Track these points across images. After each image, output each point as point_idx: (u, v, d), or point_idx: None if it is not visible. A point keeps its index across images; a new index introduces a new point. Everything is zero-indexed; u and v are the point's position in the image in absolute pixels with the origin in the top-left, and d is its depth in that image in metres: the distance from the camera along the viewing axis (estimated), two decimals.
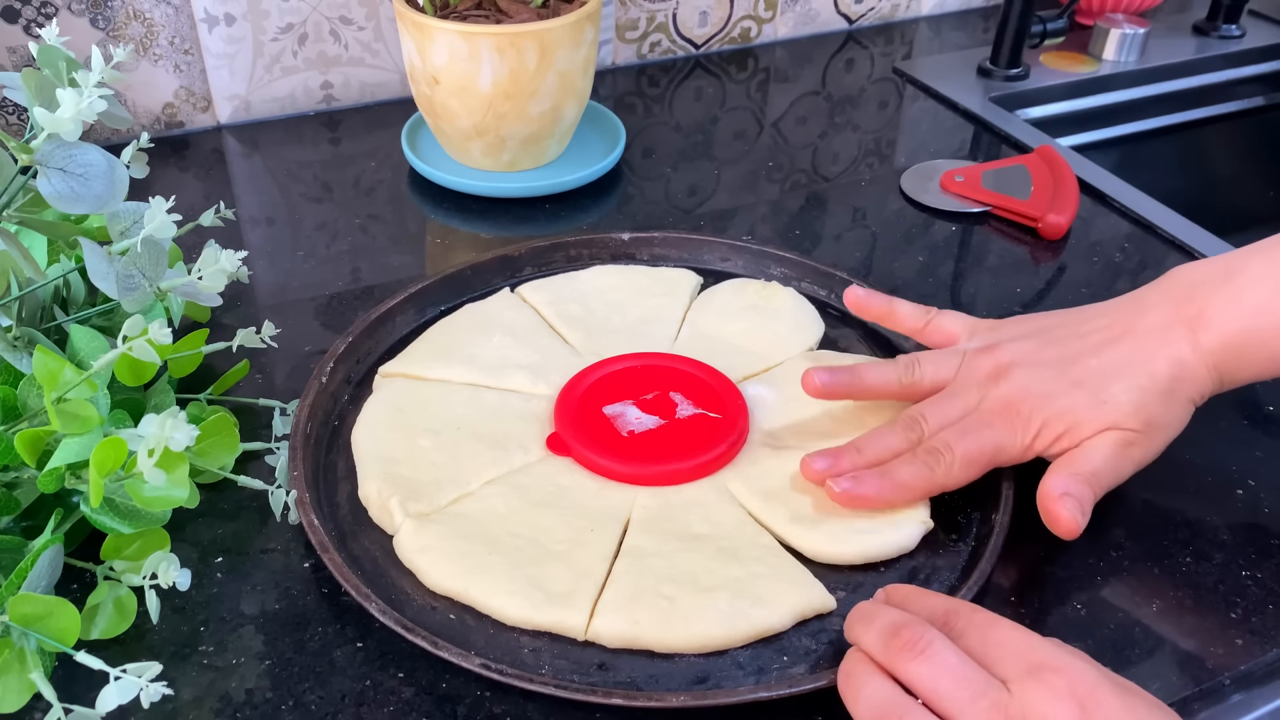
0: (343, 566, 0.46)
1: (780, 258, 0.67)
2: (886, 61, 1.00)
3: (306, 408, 0.53)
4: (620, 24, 0.95)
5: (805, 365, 0.56)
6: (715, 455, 0.53)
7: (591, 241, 0.68)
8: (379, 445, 0.53)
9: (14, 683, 0.41)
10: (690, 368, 0.58)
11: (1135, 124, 1.02)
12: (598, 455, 0.52)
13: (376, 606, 0.44)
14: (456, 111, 0.73)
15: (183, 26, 0.79)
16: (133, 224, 0.49)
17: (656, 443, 0.54)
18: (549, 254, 0.67)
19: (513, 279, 0.66)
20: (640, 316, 0.63)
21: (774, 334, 0.62)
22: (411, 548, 0.48)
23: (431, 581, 0.47)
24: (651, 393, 0.56)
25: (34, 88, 0.47)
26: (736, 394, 0.56)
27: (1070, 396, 0.49)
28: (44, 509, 0.47)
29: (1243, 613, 0.48)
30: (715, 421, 0.55)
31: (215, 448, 0.48)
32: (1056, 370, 0.50)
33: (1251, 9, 1.09)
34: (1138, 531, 0.51)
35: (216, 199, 0.74)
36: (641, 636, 0.45)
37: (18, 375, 0.47)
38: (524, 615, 0.45)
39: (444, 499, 0.51)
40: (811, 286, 0.66)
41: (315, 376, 0.55)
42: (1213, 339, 0.49)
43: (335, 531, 0.50)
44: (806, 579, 0.47)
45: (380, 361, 0.59)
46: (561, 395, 0.56)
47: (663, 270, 0.66)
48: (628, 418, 0.55)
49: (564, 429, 0.54)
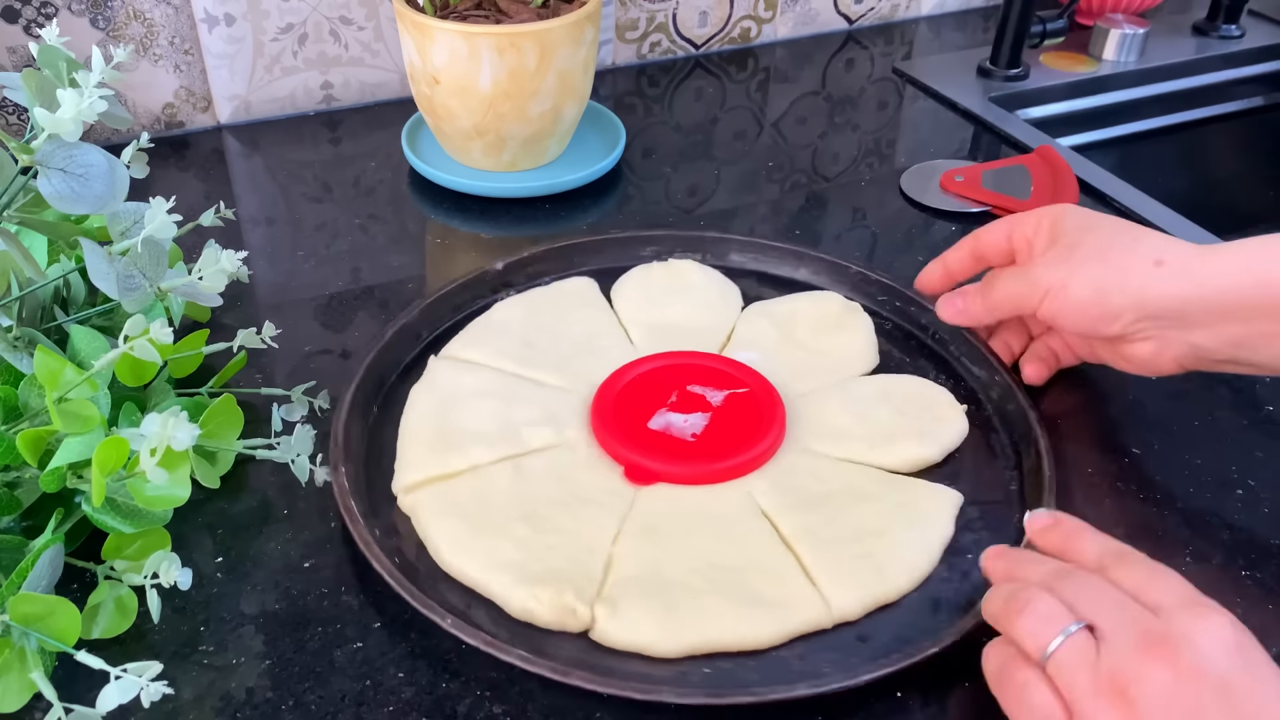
0: (365, 533, 0.47)
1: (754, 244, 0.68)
2: (886, 61, 1.00)
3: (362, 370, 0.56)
4: (620, 24, 0.95)
5: (750, 321, 0.62)
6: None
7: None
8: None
9: (14, 682, 0.41)
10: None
11: (1135, 124, 1.02)
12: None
13: (400, 583, 0.45)
14: (456, 111, 0.73)
15: (183, 26, 0.79)
16: (133, 224, 0.49)
17: (706, 441, 0.54)
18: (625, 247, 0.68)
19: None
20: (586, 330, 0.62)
21: (706, 305, 0.63)
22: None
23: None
24: (672, 393, 0.56)
25: (34, 88, 0.47)
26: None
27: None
28: (45, 508, 0.47)
29: (1243, 613, 0.47)
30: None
31: (221, 428, 0.49)
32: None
33: (1251, 9, 1.09)
34: (1138, 531, 0.51)
35: (216, 199, 0.74)
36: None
37: (18, 375, 0.47)
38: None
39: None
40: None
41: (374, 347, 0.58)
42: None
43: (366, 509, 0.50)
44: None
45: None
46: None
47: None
48: (674, 424, 0.54)
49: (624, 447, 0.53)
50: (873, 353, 0.61)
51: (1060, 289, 0.51)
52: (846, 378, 0.59)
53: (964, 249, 0.58)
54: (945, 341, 0.62)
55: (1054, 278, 0.52)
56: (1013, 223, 0.55)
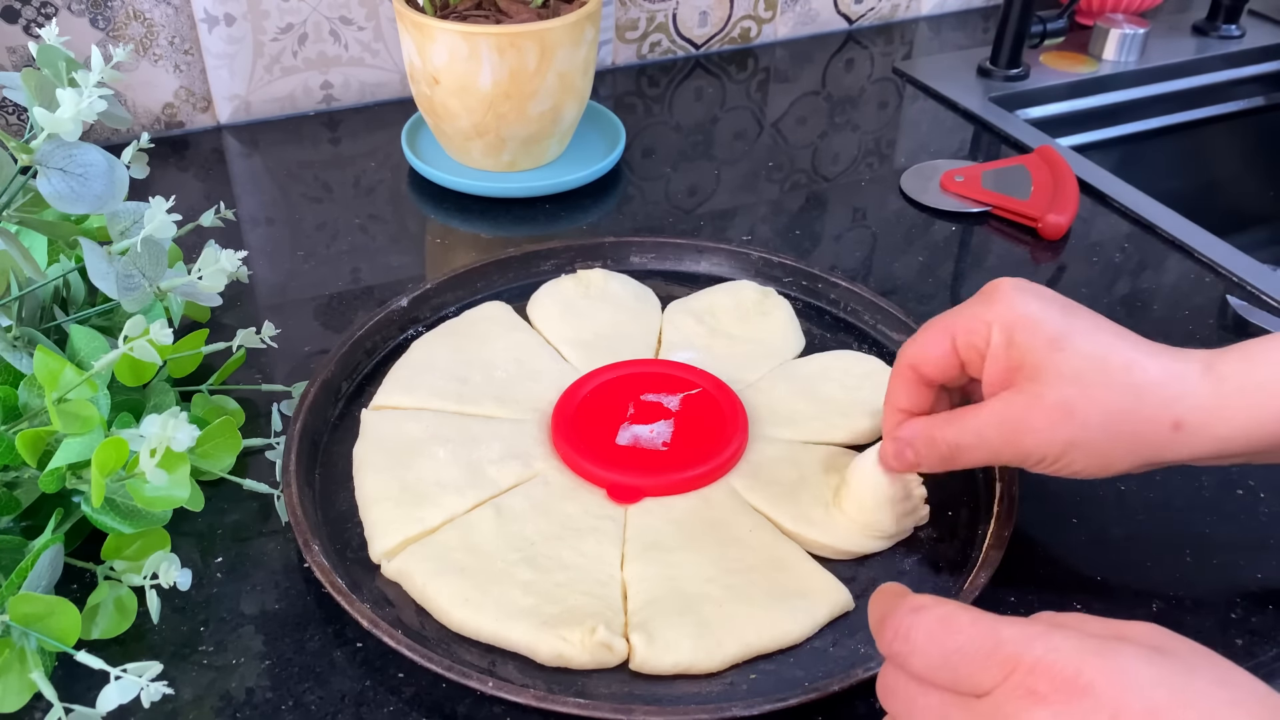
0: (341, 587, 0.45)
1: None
2: (886, 61, 1.00)
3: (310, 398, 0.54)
4: (620, 24, 0.95)
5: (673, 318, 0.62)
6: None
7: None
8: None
9: (14, 682, 0.41)
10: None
11: (1135, 124, 1.02)
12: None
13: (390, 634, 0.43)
14: (456, 111, 0.73)
15: (183, 26, 0.79)
16: (133, 224, 0.49)
17: (666, 450, 0.53)
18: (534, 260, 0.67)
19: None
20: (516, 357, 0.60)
21: (627, 311, 0.63)
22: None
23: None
24: (629, 406, 0.55)
25: (34, 88, 0.47)
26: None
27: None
28: (44, 509, 0.47)
29: (1243, 613, 0.48)
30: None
31: (218, 449, 0.48)
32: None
33: (1251, 9, 1.09)
34: (1138, 532, 0.51)
35: (216, 199, 0.74)
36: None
37: (18, 375, 0.47)
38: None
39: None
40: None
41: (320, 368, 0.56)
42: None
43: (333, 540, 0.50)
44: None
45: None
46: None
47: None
48: (641, 436, 0.54)
49: (588, 460, 0.53)
50: (798, 332, 0.62)
51: (1057, 461, 0.42)
52: (784, 362, 0.60)
53: (907, 382, 0.47)
54: (859, 312, 0.64)
55: (1045, 447, 0.42)
56: (952, 330, 0.45)
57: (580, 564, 0.48)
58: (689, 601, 0.46)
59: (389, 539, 0.48)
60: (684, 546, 0.49)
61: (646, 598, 0.46)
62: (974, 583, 0.46)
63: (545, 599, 0.46)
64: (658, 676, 0.44)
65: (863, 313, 0.64)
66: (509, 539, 0.49)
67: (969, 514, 0.51)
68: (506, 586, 0.46)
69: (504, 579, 0.47)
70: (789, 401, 0.57)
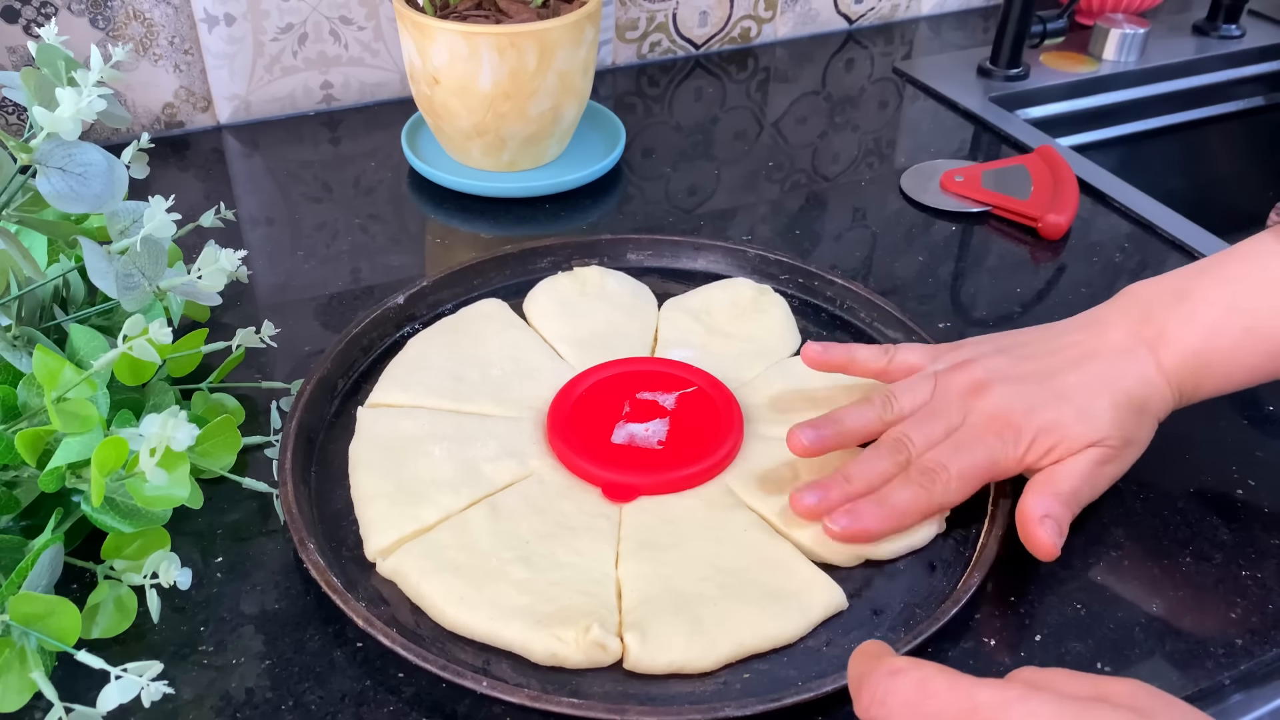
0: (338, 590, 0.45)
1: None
2: (886, 61, 1.00)
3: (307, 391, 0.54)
4: (620, 24, 0.95)
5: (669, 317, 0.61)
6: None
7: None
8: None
9: (14, 682, 0.41)
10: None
11: (1135, 124, 1.02)
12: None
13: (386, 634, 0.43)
14: (456, 111, 0.73)
15: (183, 26, 0.79)
16: (132, 223, 0.49)
17: (663, 449, 0.53)
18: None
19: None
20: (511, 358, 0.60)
21: (624, 309, 0.63)
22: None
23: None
24: (624, 404, 0.55)
25: (33, 87, 0.47)
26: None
27: (1057, 410, 0.49)
28: (44, 508, 0.47)
29: (1243, 613, 0.48)
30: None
31: (218, 448, 0.48)
32: (1037, 384, 0.50)
33: (1251, 9, 1.09)
34: (1138, 531, 0.51)
35: (216, 199, 0.74)
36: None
37: (18, 375, 0.47)
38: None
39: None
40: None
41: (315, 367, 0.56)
42: (1173, 359, 0.50)
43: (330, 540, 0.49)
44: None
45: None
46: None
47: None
48: (636, 435, 0.54)
49: (586, 459, 0.52)
50: (794, 330, 0.62)
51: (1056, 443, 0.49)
52: (780, 360, 0.60)
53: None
54: (854, 309, 0.64)
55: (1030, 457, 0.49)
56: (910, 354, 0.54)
57: (575, 563, 0.48)
58: (683, 600, 0.46)
59: (384, 537, 0.48)
60: (679, 545, 0.49)
61: (641, 596, 0.46)
62: (967, 582, 0.46)
63: (540, 598, 0.46)
64: (651, 676, 0.44)
65: (859, 310, 0.64)
66: (504, 537, 0.49)
67: (964, 513, 0.51)
68: (501, 585, 0.46)
69: (499, 577, 0.46)
70: (785, 399, 0.57)
